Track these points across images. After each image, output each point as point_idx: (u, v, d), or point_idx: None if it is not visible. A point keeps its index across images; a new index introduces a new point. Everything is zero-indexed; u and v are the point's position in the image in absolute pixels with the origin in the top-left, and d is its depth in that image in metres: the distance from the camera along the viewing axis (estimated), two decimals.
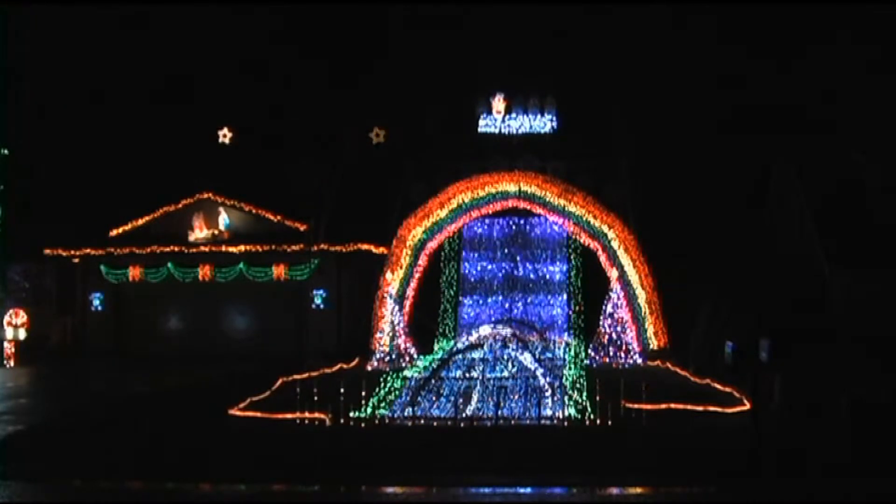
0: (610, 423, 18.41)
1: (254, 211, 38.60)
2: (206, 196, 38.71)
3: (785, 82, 41.24)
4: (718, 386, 22.79)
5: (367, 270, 36.13)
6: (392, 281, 34.12)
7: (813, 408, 19.58)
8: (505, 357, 25.27)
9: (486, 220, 37.79)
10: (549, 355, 30.51)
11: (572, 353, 31.48)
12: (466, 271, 37.87)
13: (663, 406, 19.32)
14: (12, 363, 35.24)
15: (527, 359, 23.33)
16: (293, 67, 47.10)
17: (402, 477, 14.76)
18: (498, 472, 14.94)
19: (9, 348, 35.60)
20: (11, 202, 40.51)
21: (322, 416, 18.75)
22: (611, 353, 32.10)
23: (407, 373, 25.93)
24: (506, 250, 38.00)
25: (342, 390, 19.66)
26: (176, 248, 38.28)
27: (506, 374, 24.70)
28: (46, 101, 44.78)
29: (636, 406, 19.01)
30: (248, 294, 38.32)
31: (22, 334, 36.09)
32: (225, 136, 42.20)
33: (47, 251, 39.29)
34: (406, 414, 19.52)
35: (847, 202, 32.89)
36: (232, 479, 14.88)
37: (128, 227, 39.23)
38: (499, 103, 39.60)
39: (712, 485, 14.27)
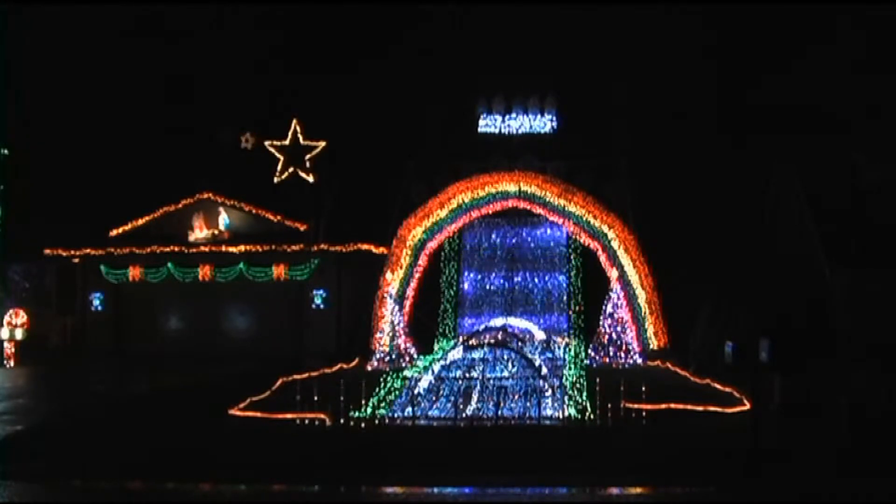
0: (610, 423, 18.41)
1: (254, 211, 38.62)
2: (206, 196, 38.74)
3: (784, 82, 41.16)
4: (718, 386, 22.79)
5: (367, 270, 36.11)
6: (392, 281, 34.14)
7: (812, 408, 19.57)
8: (505, 357, 25.28)
9: (486, 221, 37.78)
10: (549, 355, 30.51)
11: (572, 353, 31.47)
12: (466, 272, 37.83)
13: (663, 406, 19.32)
14: (12, 363, 35.25)
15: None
16: (293, 67, 47.05)
17: (402, 477, 14.76)
18: (498, 472, 14.93)
19: (9, 348, 35.61)
20: (11, 202, 40.49)
21: (322, 416, 18.74)
22: (611, 353, 32.12)
23: (407, 373, 25.91)
24: (506, 250, 37.97)
25: (342, 390, 19.66)
26: (176, 248, 38.32)
27: (506, 374, 24.69)
28: (46, 101, 44.71)
29: (636, 406, 19.01)
30: (248, 294, 38.34)
31: (22, 334, 36.10)
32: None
33: (47, 251, 39.31)
34: (406, 414, 19.52)
35: (847, 202, 32.85)
36: (232, 479, 14.88)
37: (128, 227, 39.26)
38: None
39: (712, 485, 14.27)
